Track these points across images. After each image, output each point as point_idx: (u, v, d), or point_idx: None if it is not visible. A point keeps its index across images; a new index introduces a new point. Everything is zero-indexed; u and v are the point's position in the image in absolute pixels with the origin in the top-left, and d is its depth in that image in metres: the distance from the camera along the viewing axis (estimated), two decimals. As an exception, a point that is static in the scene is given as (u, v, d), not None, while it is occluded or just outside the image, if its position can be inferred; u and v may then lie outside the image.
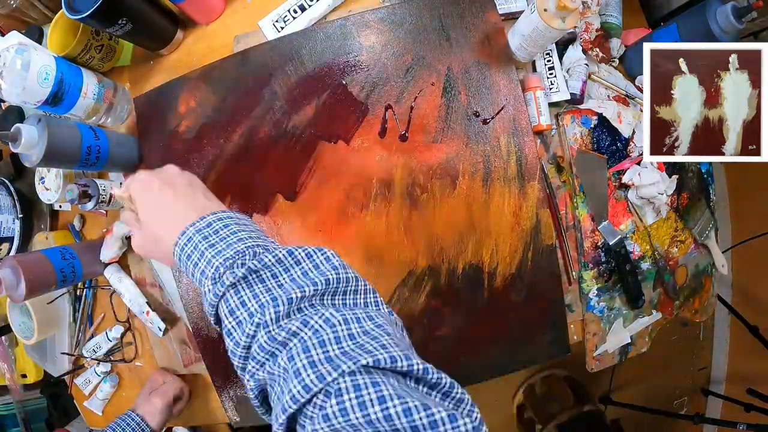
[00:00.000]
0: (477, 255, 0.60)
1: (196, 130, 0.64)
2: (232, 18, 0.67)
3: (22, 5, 0.68)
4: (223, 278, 0.33)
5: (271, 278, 0.33)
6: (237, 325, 0.31)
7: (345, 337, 0.28)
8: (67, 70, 0.58)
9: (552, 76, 0.63)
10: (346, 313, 0.30)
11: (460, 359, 0.62)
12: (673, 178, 0.65)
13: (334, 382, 0.25)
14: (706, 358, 1.57)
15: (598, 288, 0.64)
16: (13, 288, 0.58)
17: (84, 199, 0.61)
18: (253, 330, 0.30)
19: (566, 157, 0.64)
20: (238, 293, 0.32)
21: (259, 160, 0.62)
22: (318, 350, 0.27)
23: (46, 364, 0.79)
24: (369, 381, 0.25)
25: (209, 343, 0.65)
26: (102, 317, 0.75)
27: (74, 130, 0.57)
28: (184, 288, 0.65)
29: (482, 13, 0.61)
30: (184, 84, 0.65)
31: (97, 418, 0.77)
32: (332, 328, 0.29)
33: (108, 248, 0.67)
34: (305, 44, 0.62)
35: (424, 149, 0.60)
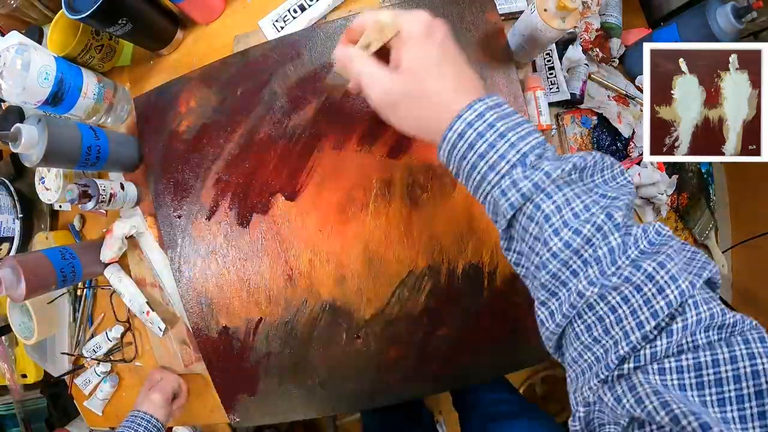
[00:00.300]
0: (477, 255, 0.60)
1: (196, 130, 0.64)
2: (232, 18, 0.67)
3: (22, 5, 0.68)
4: (533, 165, 0.29)
5: (597, 185, 0.31)
6: (563, 225, 0.28)
7: (680, 249, 0.29)
8: (67, 70, 0.58)
9: (552, 76, 0.63)
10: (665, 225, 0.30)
11: (460, 359, 0.62)
12: (673, 178, 0.65)
13: (698, 293, 0.26)
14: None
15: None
16: (13, 288, 0.58)
17: (84, 199, 0.61)
18: (591, 233, 0.27)
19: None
20: (561, 190, 0.29)
21: (259, 160, 0.62)
22: (676, 259, 0.27)
23: (46, 364, 0.79)
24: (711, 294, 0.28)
25: (209, 343, 0.65)
26: (102, 317, 0.75)
27: (74, 130, 0.57)
28: (184, 288, 0.65)
29: (482, 13, 0.60)
30: (184, 84, 0.65)
31: (97, 418, 0.77)
32: (671, 240, 0.29)
33: (108, 248, 0.67)
34: (305, 44, 0.62)
35: (424, 149, 0.60)
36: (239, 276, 0.63)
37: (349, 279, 0.61)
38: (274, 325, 0.63)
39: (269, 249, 0.62)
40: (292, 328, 0.63)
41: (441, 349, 0.61)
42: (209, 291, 0.64)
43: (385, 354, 0.62)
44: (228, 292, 0.64)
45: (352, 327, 0.62)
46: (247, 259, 0.63)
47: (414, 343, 0.61)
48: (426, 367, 0.62)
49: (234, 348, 0.64)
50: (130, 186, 0.67)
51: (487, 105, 0.31)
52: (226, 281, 0.64)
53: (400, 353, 0.62)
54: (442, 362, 0.62)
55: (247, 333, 0.64)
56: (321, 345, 0.62)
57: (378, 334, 0.61)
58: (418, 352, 0.62)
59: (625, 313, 0.26)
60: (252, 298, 0.63)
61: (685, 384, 0.25)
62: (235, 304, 0.64)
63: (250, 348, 0.64)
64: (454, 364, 0.62)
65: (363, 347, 0.62)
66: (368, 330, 0.61)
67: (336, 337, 0.62)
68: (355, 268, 0.61)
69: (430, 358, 0.62)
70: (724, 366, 0.24)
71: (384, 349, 0.62)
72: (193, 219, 0.64)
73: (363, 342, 0.62)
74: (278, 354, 0.63)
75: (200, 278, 0.64)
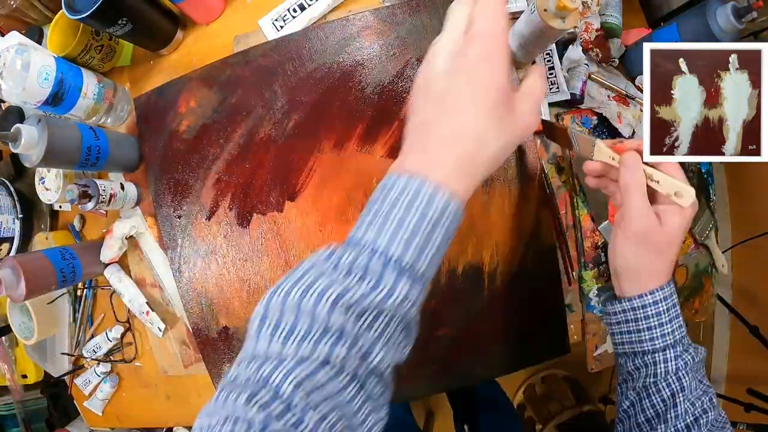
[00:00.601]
0: (477, 255, 0.60)
1: (196, 130, 0.64)
2: (232, 18, 0.67)
3: (22, 5, 0.68)
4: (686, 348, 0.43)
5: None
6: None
7: None
8: (67, 70, 0.58)
9: (552, 76, 0.63)
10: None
11: (460, 359, 0.62)
12: (673, 178, 0.65)
13: None
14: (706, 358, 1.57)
15: (598, 288, 0.64)
16: (13, 288, 0.58)
17: (84, 199, 0.61)
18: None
19: (566, 157, 0.64)
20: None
21: (259, 160, 0.62)
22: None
23: (46, 364, 0.79)
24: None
25: (209, 343, 0.65)
26: (102, 317, 0.75)
27: (74, 130, 0.57)
28: (184, 288, 0.65)
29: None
30: (184, 84, 0.65)
31: (97, 419, 0.77)
32: None
33: (108, 248, 0.67)
34: (305, 44, 0.62)
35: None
36: (239, 276, 0.63)
37: (349, 279, 0.61)
38: (274, 325, 0.63)
39: (269, 249, 0.62)
40: (292, 328, 0.63)
41: (441, 349, 0.61)
42: (209, 291, 0.64)
43: (385, 354, 0.62)
44: (228, 293, 0.64)
45: (352, 327, 0.62)
46: (247, 259, 0.63)
47: (414, 343, 0.61)
48: (426, 367, 0.62)
49: (234, 348, 0.64)
50: (130, 186, 0.67)
51: (672, 290, 0.42)
52: (226, 281, 0.64)
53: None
54: (442, 362, 0.62)
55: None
56: (321, 345, 0.62)
57: (378, 334, 0.61)
58: (418, 352, 0.61)
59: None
60: (252, 298, 0.63)
61: None
62: (235, 304, 0.64)
63: (250, 348, 0.64)
64: (454, 364, 0.62)
65: (363, 347, 0.62)
66: (368, 330, 0.61)
67: (336, 337, 0.62)
68: (355, 268, 0.61)
69: (430, 358, 0.62)
70: None
71: (384, 349, 0.62)
72: (193, 219, 0.64)
73: (363, 342, 0.62)
74: (278, 354, 0.63)
75: (200, 278, 0.64)
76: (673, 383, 0.40)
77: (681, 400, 0.40)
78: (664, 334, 0.41)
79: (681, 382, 0.40)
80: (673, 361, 0.40)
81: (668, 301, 0.41)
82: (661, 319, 0.41)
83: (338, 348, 0.26)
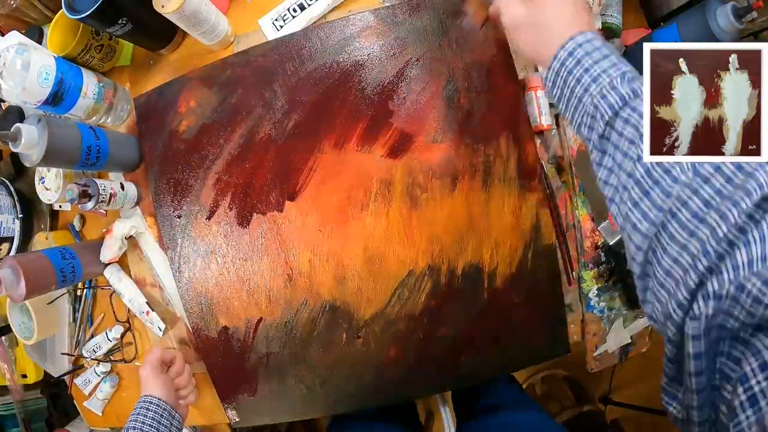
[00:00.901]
0: (477, 255, 0.60)
1: (196, 130, 0.64)
2: (232, 18, 0.67)
3: (22, 5, 0.68)
4: (635, 80, 0.36)
5: None
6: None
7: None
8: (67, 70, 0.58)
9: (552, 76, 0.63)
10: None
11: (460, 359, 0.62)
12: (673, 178, 0.65)
13: None
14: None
15: (598, 288, 0.64)
16: (13, 288, 0.58)
17: (84, 199, 0.61)
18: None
19: (566, 157, 0.64)
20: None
21: (259, 160, 0.62)
22: None
23: (46, 364, 0.79)
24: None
25: (209, 343, 0.65)
26: (102, 317, 0.75)
27: (74, 130, 0.57)
28: (184, 288, 0.65)
29: (482, 12, 0.60)
30: (184, 84, 0.65)
31: (97, 418, 0.77)
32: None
33: (108, 248, 0.67)
34: (305, 44, 0.62)
35: (424, 149, 0.60)
36: (239, 276, 0.63)
37: (349, 279, 0.61)
38: (274, 325, 0.63)
39: (269, 249, 0.62)
40: (292, 328, 0.63)
41: (441, 349, 0.61)
42: (209, 291, 0.64)
43: (385, 354, 0.62)
44: (228, 292, 0.64)
45: (352, 327, 0.62)
46: (247, 259, 0.63)
47: (414, 343, 0.61)
48: (426, 367, 0.62)
49: (234, 348, 0.64)
50: (130, 186, 0.67)
51: (596, 36, 0.38)
52: (226, 281, 0.64)
53: (400, 353, 0.62)
54: (443, 362, 0.62)
55: (247, 333, 0.64)
56: (321, 345, 0.62)
57: (378, 334, 0.61)
58: (418, 352, 0.62)
59: (718, 202, 0.27)
60: (252, 298, 0.63)
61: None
62: (234, 304, 0.64)
63: (250, 348, 0.64)
64: (454, 364, 0.62)
65: (363, 347, 0.62)
66: (368, 330, 0.61)
67: (336, 337, 0.62)
68: (355, 268, 0.61)
69: (430, 358, 0.62)
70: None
71: (384, 349, 0.62)
72: (193, 219, 0.64)
73: (363, 342, 0.62)
74: (278, 354, 0.63)
75: (200, 278, 0.64)
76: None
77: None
78: (596, 75, 0.37)
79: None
80: (621, 88, 0.36)
81: (585, 47, 0.38)
82: (586, 62, 0.38)
83: None
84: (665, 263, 0.30)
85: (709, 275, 0.26)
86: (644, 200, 0.32)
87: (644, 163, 0.32)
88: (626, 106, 0.35)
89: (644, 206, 0.31)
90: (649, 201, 0.31)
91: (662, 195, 0.30)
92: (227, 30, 0.64)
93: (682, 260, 0.28)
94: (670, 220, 0.29)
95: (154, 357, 0.60)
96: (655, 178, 0.31)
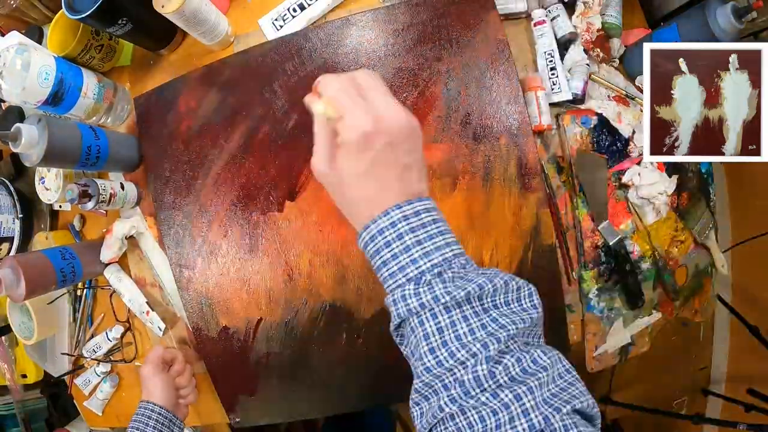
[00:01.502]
0: (477, 255, 0.60)
1: (196, 130, 0.64)
2: (232, 18, 0.67)
3: (22, 5, 0.68)
4: (428, 284, 0.31)
5: (488, 309, 0.31)
6: (441, 345, 0.30)
7: (554, 378, 0.29)
8: (67, 70, 0.58)
9: (554, 76, 0.63)
10: (550, 353, 0.30)
11: (460, 359, 0.62)
12: (673, 178, 0.65)
13: (556, 423, 0.26)
14: (706, 358, 1.57)
15: (598, 288, 0.64)
16: (13, 288, 0.58)
17: (84, 199, 0.61)
18: (465, 358, 0.29)
19: (566, 157, 0.64)
20: (448, 312, 0.30)
21: (259, 159, 0.62)
22: (537, 393, 0.28)
23: (46, 364, 0.79)
24: (580, 422, 0.27)
25: (209, 343, 0.65)
26: (102, 317, 0.75)
27: (74, 130, 0.57)
28: (184, 288, 0.65)
29: (482, 13, 0.60)
30: (184, 84, 0.65)
31: (97, 418, 0.77)
32: (544, 371, 0.29)
33: (108, 248, 0.67)
34: (305, 44, 0.62)
35: (424, 149, 0.60)
36: (239, 276, 0.63)
37: (349, 279, 0.61)
38: (274, 325, 0.63)
39: (269, 249, 0.62)
40: (292, 328, 0.63)
41: (441, 349, 0.61)
42: (209, 291, 0.64)
43: (385, 354, 0.62)
44: (228, 292, 0.64)
45: (352, 327, 0.62)
46: (247, 259, 0.63)
47: (414, 343, 0.61)
48: (426, 367, 0.62)
49: (234, 348, 0.64)
50: (130, 186, 0.67)
51: (404, 213, 0.32)
52: (226, 281, 0.64)
53: (400, 353, 0.62)
54: (442, 362, 0.62)
55: (247, 333, 0.64)
56: (321, 345, 0.62)
57: (378, 334, 0.61)
58: (418, 352, 0.62)
59: (479, 430, 0.28)
60: (252, 298, 0.63)
61: None
62: (235, 304, 0.64)
63: (250, 348, 0.64)
64: (454, 364, 0.62)
65: (363, 347, 0.62)
66: (368, 330, 0.61)
67: (336, 337, 0.62)
68: (355, 268, 0.61)
69: (430, 358, 0.62)
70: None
71: (384, 349, 0.62)
72: (193, 219, 0.64)
73: (363, 342, 0.62)
74: (278, 354, 0.63)
75: (200, 278, 0.64)
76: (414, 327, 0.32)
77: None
78: (393, 272, 0.32)
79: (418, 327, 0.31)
80: (410, 300, 0.31)
81: (386, 235, 0.32)
82: (384, 255, 0.33)
83: None
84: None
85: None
86: (423, 403, 0.32)
87: (422, 374, 0.31)
88: (414, 317, 0.31)
89: (423, 408, 0.32)
90: (427, 406, 0.31)
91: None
92: (227, 30, 0.64)
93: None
94: (440, 427, 0.30)
95: (155, 356, 0.60)
96: (434, 390, 0.31)
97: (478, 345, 0.29)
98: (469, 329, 0.30)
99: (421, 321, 0.31)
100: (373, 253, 0.34)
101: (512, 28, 0.64)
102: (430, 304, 0.30)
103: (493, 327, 0.30)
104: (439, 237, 0.32)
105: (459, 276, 0.31)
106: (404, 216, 0.32)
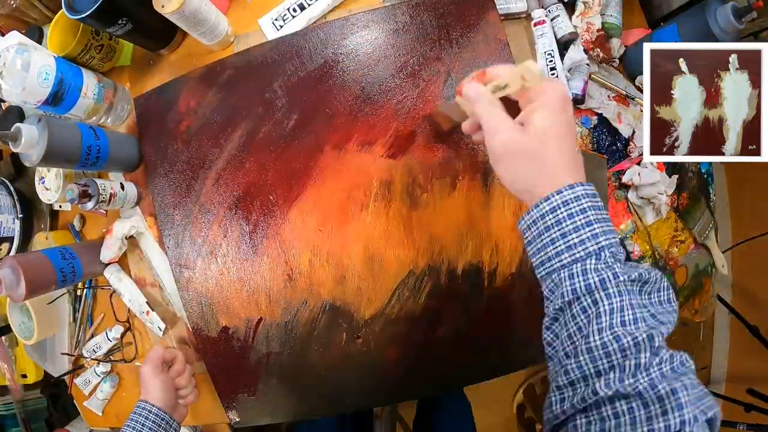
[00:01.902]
0: (477, 255, 0.60)
1: (196, 130, 0.64)
2: (232, 18, 0.67)
3: (22, 5, 0.68)
4: (606, 262, 0.32)
5: (653, 303, 0.33)
6: (608, 327, 0.31)
7: (696, 384, 0.30)
8: (67, 70, 0.58)
9: (554, 76, 0.63)
10: (690, 360, 0.31)
11: (460, 359, 0.62)
12: (673, 178, 0.65)
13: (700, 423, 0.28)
14: (706, 358, 1.57)
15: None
16: (13, 288, 0.58)
17: (84, 199, 0.61)
18: (629, 345, 0.30)
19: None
20: (620, 296, 0.31)
21: (259, 159, 0.62)
22: (690, 391, 0.29)
23: (46, 364, 0.79)
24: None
25: (209, 343, 0.65)
26: (102, 317, 0.75)
27: (74, 130, 0.57)
28: (184, 288, 0.65)
29: (482, 13, 0.61)
30: (184, 84, 0.65)
31: (97, 418, 0.77)
32: (693, 374, 0.30)
33: (108, 248, 0.67)
34: (305, 44, 0.62)
35: (424, 149, 0.60)
36: (239, 276, 0.63)
37: (349, 279, 0.61)
38: (274, 325, 0.63)
39: (269, 249, 0.62)
40: (292, 328, 0.63)
41: (441, 349, 0.61)
42: (209, 291, 0.64)
43: (385, 354, 0.62)
44: (228, 292, 0.64)
45: (352, 327, 0.62)
46: (247, 259, 0.63)
47: (414, 343, 0.61)
48: (426, 367, 0.62)
49: (234, 348, 0.64)
50: (130, 186, 0.67)
51: (586, 191, 0.34)
52: (226, 281, 0.64)
53: (399, 353, 0.62)
54: (442, 362, 0.62)
55: (247, 333, 0.64)
56: (321, 345, 0.62)
57: (378, 334, 0.61)
58: (418, 352, 0.62)
59: (626, 421, 0.28)
60: (252, 298, 0.63)
61: None
62: (235, 304, 0.64)
63: (250, 348, 0.64)
64: (454, 364, 0.62)
65: (363, 347, 0.62)
66: (368, 330, 0.61)
67: (336, 337, 0.62)
68: (355, 268, 0.61)
69: (429, 358, 0.62)
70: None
71: (384, 349, 0.62)
72: (193, 219, 0.64)
73: (363, 342, 0.62)
74: (278, 354, 0.63)
75: (200, 278, 0.64)
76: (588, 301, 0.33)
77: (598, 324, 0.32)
78: (571, 245, 0.33)
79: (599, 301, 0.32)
80: (590, 275, 0.32)
81: (571, 206, 0.33)
82: (565, 226, 0.33)
83: None
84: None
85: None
86: (568, 389, 0.33)
87: (581, 354, 0.32)
88: (588, 295, 0.32)
89: (566, 394, 0.33)
90: (572, 392, 0.33)
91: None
92: (227, 30, 0.64)
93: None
94: (581, 415, 0.32)
95: (155, 355, 0.60)
96: (586, 375, 0.33)
97: (643, 335, 0.30)
98: (634, 318, 0.31)
99: (596, 300, 0.32)
100: (552, 224, 0.34)
101: (512, 28, 0.64)
102: (608, 283, 0.32)
103: (653, 321, 0.32)
104: (610, 221, 0.34)
105: (625, 262, 0.33)
106: (587, 193, 0.34)
